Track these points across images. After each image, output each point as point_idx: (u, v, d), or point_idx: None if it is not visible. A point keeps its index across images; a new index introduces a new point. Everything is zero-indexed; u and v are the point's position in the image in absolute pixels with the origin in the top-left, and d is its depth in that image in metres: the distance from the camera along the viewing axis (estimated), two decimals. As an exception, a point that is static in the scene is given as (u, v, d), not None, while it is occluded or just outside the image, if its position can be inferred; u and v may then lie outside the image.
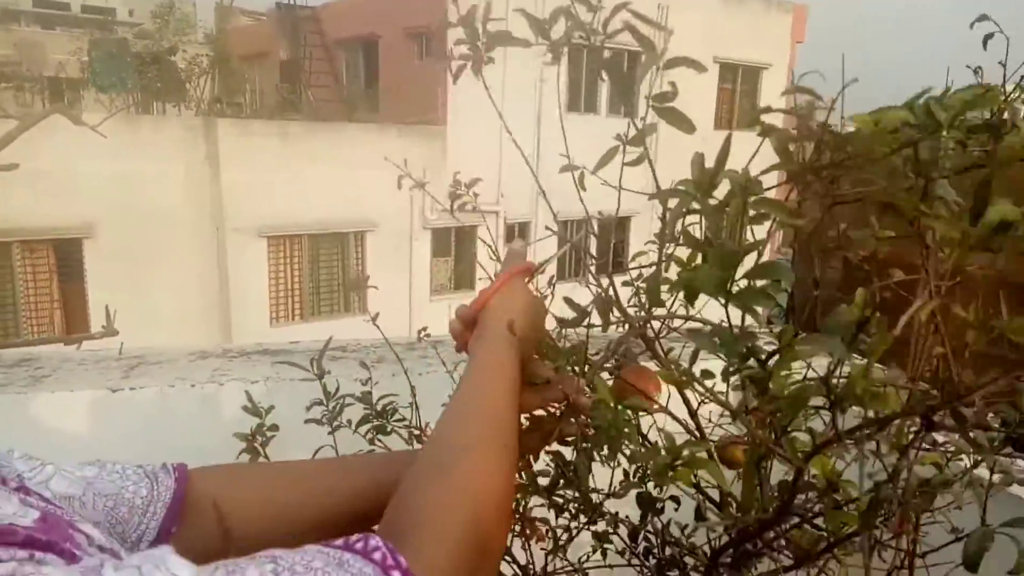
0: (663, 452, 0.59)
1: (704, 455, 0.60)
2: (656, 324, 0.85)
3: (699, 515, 0.81)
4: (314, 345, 2.09)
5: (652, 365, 0.78)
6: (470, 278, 12.11)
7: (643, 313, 0.81)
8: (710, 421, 0.97)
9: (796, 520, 0.73)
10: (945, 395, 0.49)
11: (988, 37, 0.86)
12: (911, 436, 0.55)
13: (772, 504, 0.72)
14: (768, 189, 0.71)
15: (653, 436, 0.87)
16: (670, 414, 0.74)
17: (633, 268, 0.91)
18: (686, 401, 0.84)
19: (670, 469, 0.60)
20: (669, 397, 0.75)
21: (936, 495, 0.65)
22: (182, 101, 13.75)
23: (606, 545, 1.02)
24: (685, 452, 0.58)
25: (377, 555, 0.45)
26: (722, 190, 0.61)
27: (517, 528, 0.91)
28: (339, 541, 0.46)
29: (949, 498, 0.70)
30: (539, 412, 0.81)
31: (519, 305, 0.76)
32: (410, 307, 11.49)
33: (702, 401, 0.82)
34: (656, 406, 0.74)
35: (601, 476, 0.93)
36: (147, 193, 9.62)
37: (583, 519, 0.90)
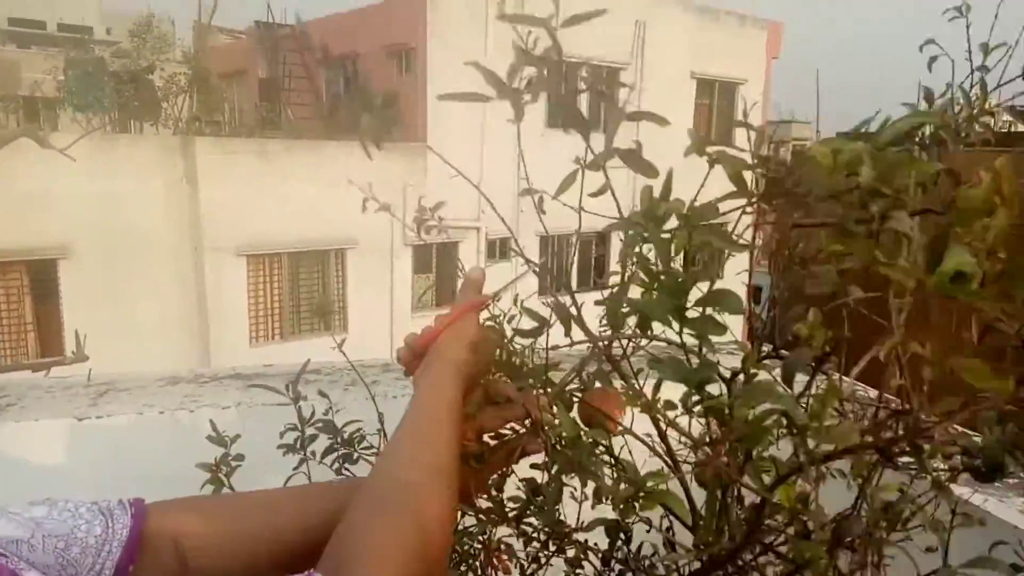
0: (624, 486, 0.58)
1: (666, 487, 0.59)
2: (624, 343, 0.85)
3: (669, 541, 0.81)
4: (289, 368, 2.07)
5: (619, 385, 0.78)
6: (452, 294, 12.07)
7: (610, 333, 0.80)
8: (681, 443, 0.97)
9: (763, 549, 0.73)
10: (905, 429, 0.49)
11: (932, 60, 0.88)
12: (872, 465, 0.55)
13: (739, 532, 0.72)
14: (731, 211, 0.72)
15: (626, 457, 0.87)
16: (635, 436, 0.74)
17: (607, 287, 0.91)
18: (656, 423, 0.83)
19: (633, 501, 0.59)
20: (633, 418, 0.74)
21: (899, 521, 0.65)
22: (159, 120, 13.67)
23: (578, 571, 1.01)
24: (649, 483, 0.58)
25: None
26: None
27: (481, 557, 0.90)
28: None
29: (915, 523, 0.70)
30: (503, 431, 0.81)
31: (468, 340, 0.77)
32: (392, 324, 11.44)
33: (669, 424, 0.82)
34: (619, 428, 0.74)
35: (572, 503, 0.92)
36: (124, 213, 9.52)
37: (552, 548, 0.89)
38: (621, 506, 0.57)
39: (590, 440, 0.72)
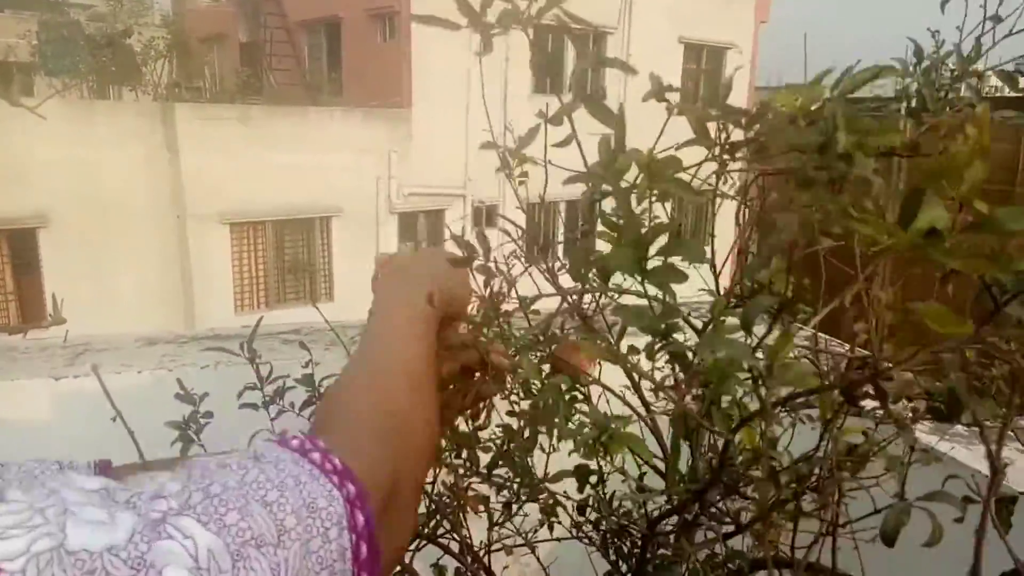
0: (589, 429, 0.59)
1: (630, 430, 0.60)
2: (596, 297, 0.85)
3: (640, 487, 0.82)
4: (270, 330, 2.06)
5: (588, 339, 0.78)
6: (438, 262, 12.04)
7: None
8: (656, 395, 0.98)
9: (729, 490, 0.74)
10: (867, 371, 0.50)
11: (944, 2, 0.86)
12: (836, 409, 0.56)
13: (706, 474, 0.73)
14: (695, 165, 0.71)
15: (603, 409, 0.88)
16: (603, 386, 0.74)
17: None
18: (628, 375, 0.84)
19: (597, 444, 0.60)
20: (600, 370, 0.75)
21: (863, 464, 0.66)
22: (139, 85, 13.38)
23: (552, 519, 1.03)
24: (612, 426, 0.58)
25: (295, 442, 0.47)
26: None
27: (454, 504, 0.91)
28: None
29: (878, 468, 0.72)
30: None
31: (434, 260, 0.74)
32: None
33: (632, 369, 0.82)
34: (589, 379, 0.75)
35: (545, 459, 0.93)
36: (104, 181, 9.37)
37: (523, 497, 0.90)
38: (584, 448, 0.58)
39: (555, 387, 0.72)
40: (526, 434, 0.87)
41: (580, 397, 0.83)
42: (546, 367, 0.78)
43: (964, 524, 0.60)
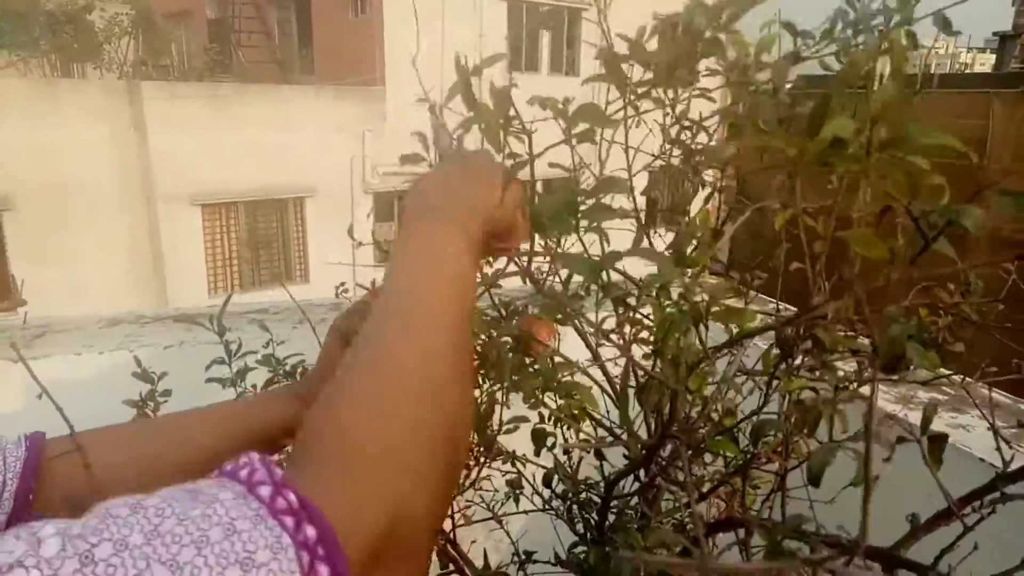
0: (538, 378, 0.59)
1: (577, 378, 0.60)
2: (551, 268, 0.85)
3: (598, 450, 0.82)
4: (238, 309, 2.03)
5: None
6: (415, 242, 11.96)
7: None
8: (616, 363, 0.98)
9: (693, 450, 0.74)
10: (800, 313, 0.50)
11: None
12: (776, 362, 0.56)
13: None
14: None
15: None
16: (562, 356, 0.74)
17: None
18: (584, 339, 0.84)
19: (545, 393, 0.60)
20: (559, 340, 0.75)
21: (815, 422, 0.67)
22: (103, 63, 13.02)
23: (518, 491, 1.03)
24: (559, 375, 0.58)
25: (243, 472, 0.37)
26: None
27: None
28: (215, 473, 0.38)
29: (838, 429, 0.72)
30: None
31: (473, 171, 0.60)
32: (354, 273, 11.32)
33: (600, 343, 0.82)
34: (548, 350, 0.74)
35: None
36: (70, 162, 9.14)
37: (483, 459, 0.90)
38: (531, 397, 0.58)
39: (501, 343, 0.72)
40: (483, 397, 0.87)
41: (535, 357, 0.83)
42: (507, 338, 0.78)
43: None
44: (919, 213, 0.45)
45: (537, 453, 0.85)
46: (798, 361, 0.58)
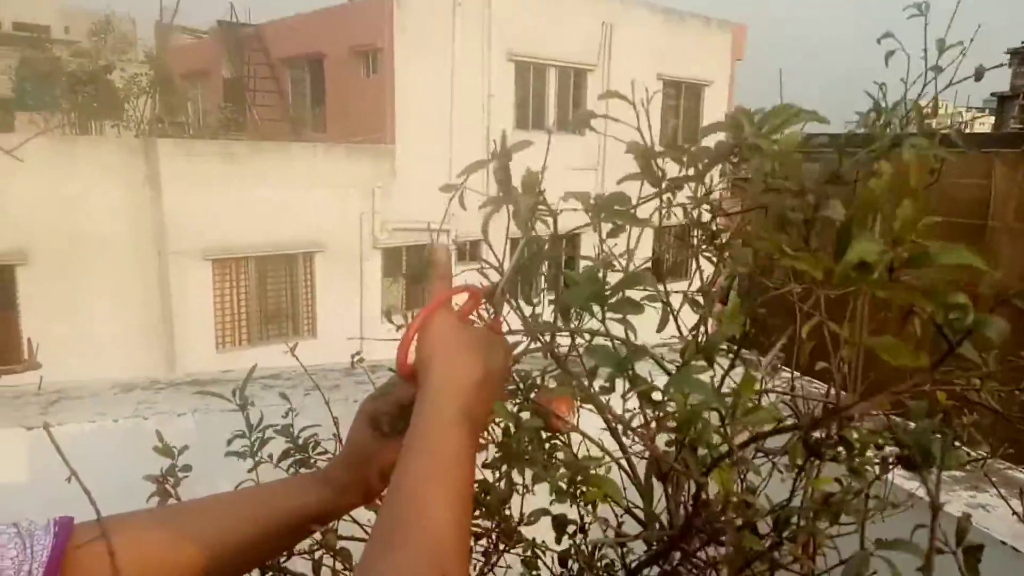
0: (562, 470, 0.59)
1: (602, 471, 0.60)
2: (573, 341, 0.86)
3: (618, 534, 0.82)
4: (245, 373, 2.04)
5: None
6: (421, 297, 12.02)
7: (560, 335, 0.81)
8: (633, 440, 0.98)
9: (707, 539, 0.74)
10: (825, 413, 0.50)
11: (889, 55, 0.90)
12: (806, 457, 0.57)
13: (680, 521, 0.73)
14: (644, 200, 0.73)
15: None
16: (580, 432, 0.74)
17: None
18: (607, 422, 0.84)
19: (572, 487, 0.60)
20: (578, 416, 0.75)
21: (839, 514, 0.67)
22: (121, 121, 13.38)
23: (535, 572, 1.02)
24: (585, 466, 0.58)
25: None
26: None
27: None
28: None
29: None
30: None
31: (453, 352, 0.64)
32: (361, 328, 11.35)
33: (602, 408, 0.82)
34: (568, 425, 0.74)
35: (524, 504, 0.92)
36: (85, 217, 9.30)
37: (502, 546, 0.90)
38: (558, 492, 0.58)
39: (530, 428, 0.72)
40: (502, 484, 0.87)
41: (560, 444, 0.83)
42: (525, 414, 0.78)
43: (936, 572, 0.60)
44: (942, 320, 0.46)
45: (558, 541, 0.85)
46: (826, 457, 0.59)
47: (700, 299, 0.77)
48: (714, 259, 0.82)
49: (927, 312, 0.47)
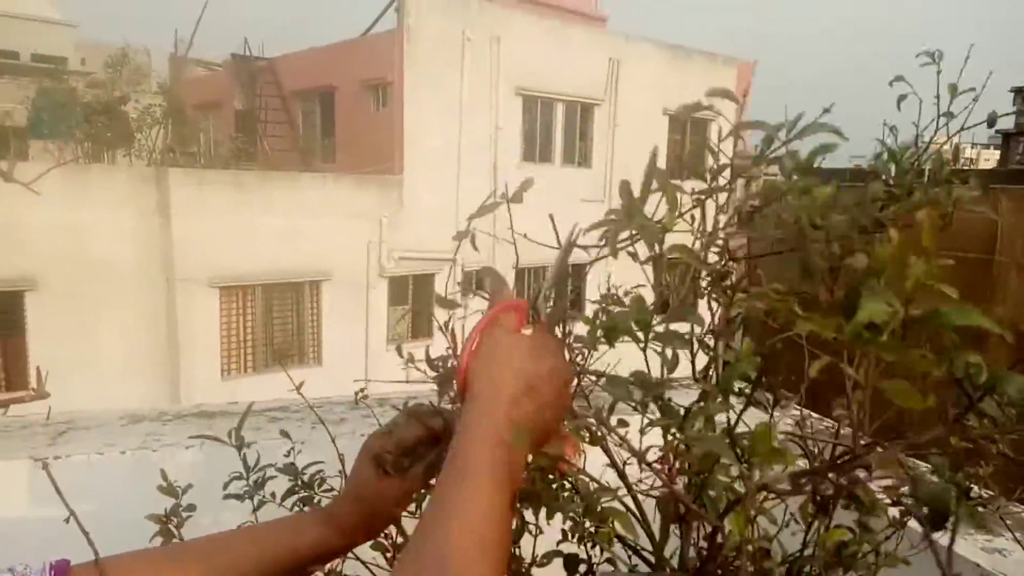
0: (577, 500, 0.59)
1: (616, 505, 0.60)
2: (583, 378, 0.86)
3: (631, 570, 0.81)
4: (257, 406, 2.04)
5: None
6: (427, 326, 12.03)
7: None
8: (640, 481, 0.97)
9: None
10: (840, 460, 0.50)
11: (901, 98, 0.91)
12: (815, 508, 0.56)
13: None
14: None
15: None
16: (586, 475, 0.74)
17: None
18: (612, 461, 0.84)
19: (586, 518, 0.59)
20: (585, 459, 0.75)
21: (852, 564, 0.66)
22: (132, 151, 13.57)
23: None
24: (600, 499, 0.58)
25: None
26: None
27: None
28: None
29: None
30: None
31: (511, 363, 0.61)
32: (366, 356, 11.34)
33: (627, 461, 0.82)
34: (574, 468, 0.74)
35: (531, 539, 0.92)
36: (94, 244, 9.39)
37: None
38: (571, 521, 0.58)
39: (538, 473, 0.72)
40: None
41: (566, 486, 0.83)
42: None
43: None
44: (962, 374, 0.46)
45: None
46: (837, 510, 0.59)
47: (709, 340, 0.77)
48: (719, 301, 0.83)
49: (948, 368, 0.47)
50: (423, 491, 0.83)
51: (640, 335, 0.55)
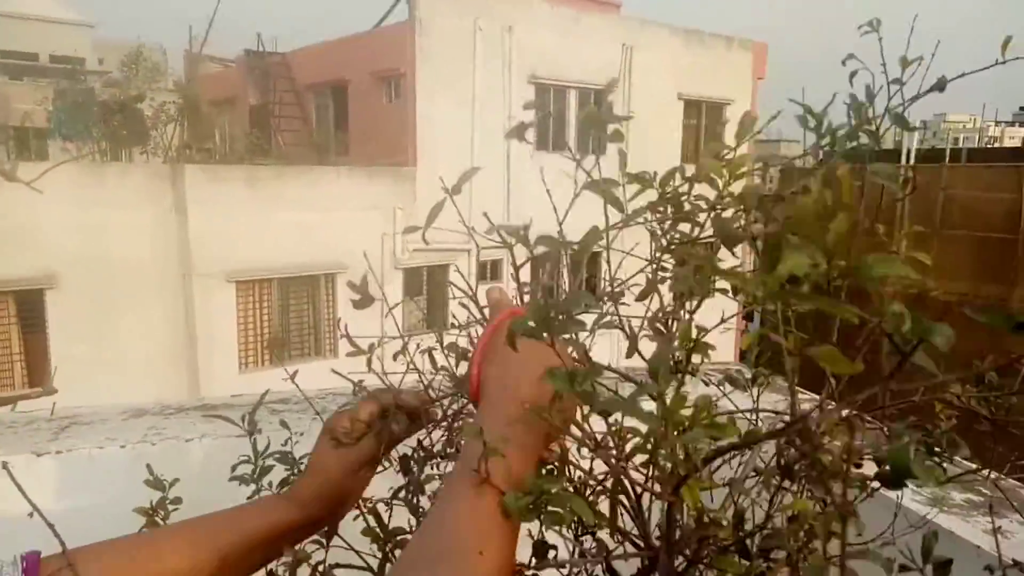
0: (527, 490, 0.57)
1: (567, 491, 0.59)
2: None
3: (607, 560, 0.79)
4: (254, 399, 2.04)
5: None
6: (443, 317, 12.06)
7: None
8: (626, 464, 0.95)
9: (691, 560, 0.71)
10: (788, 424, 0.49)
11: (852, 75, 0.87)
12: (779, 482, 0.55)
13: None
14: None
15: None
16: (569, 463, 0.72)
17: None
18: (594, 446, 0.82)
19: (535, 505, 0.58)
20: (566, 449, 0.73)
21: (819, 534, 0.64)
22: (149, 148, 13.71)
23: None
24: (545, 486, 0.56)
25: None
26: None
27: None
28: None
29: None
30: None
31: (522, 367, 0.62)
32: (382, 348, 11.39)
33: (599, 444, 0.80)
34: (553, 455, 0.73)
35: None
36: (113, 242, 9.52)
37: None
38: (518, 514, 0.56)
39: None
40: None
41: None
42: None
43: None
44: (893, 330, 0.45)
45: (538, 565, 0.83)
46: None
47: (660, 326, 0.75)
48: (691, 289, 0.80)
49: (875, 322, 0.45)
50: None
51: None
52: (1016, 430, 0.72)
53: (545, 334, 0.52)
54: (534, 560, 0.83)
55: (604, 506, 0.76)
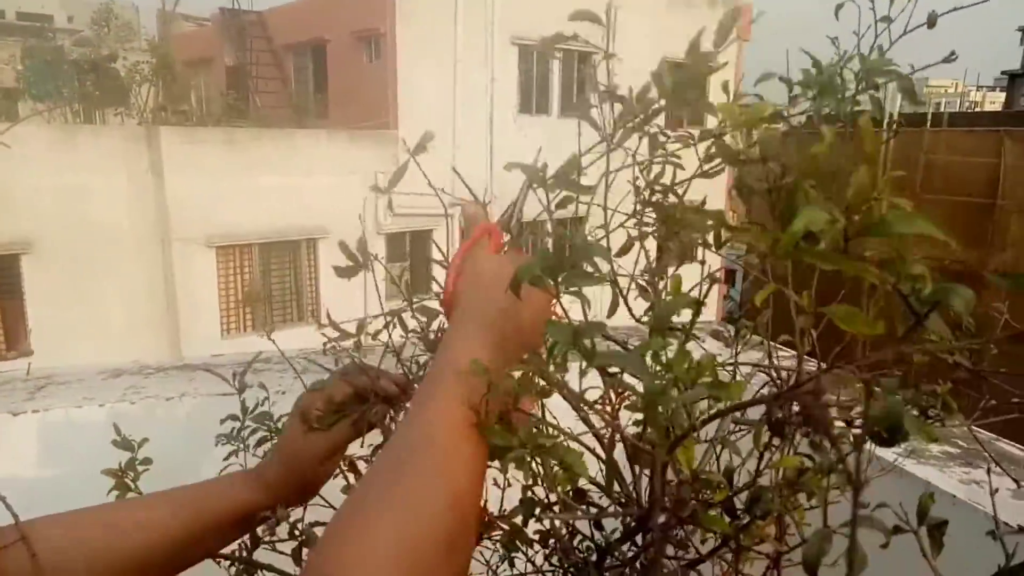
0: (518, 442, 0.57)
1: (564, 444, 0.58)
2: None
3: (593, 517, 0.80)
4: (240, 359, 2.03)
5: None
6: (426, 282, 12.02)
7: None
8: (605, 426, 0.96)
9: (678, 520, 0.72)
10: (784, 387, 0.48)
11: (838, 7, 0.85)
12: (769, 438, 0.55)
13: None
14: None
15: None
16: (548, 424, 0.72)
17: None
18: (575, 408, 0.82)
19: (531, 459, 0.58)
20: (544, 407, 0.73)
21: (811, 493, 0.65)
22: (124, 109, 13.37)
23: (514, 554, 1.00)
24: (540, 440, 0.56)
25: None
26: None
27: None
28: None
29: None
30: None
31: (486, 284, 0.61)
32: (365, 313, 11.36)
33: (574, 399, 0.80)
34: (526, 418, 0.73)
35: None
36: (89, 206, 9.33)
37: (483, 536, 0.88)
38: (503, 462, 0.56)
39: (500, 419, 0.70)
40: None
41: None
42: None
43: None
44: (908, 291, 0.44)
45: (525, 523, 0.83)
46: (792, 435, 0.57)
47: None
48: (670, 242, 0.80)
49: (891, 282, 0.44)
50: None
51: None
52: (995, 379, 0.73)
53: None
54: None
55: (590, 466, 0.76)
